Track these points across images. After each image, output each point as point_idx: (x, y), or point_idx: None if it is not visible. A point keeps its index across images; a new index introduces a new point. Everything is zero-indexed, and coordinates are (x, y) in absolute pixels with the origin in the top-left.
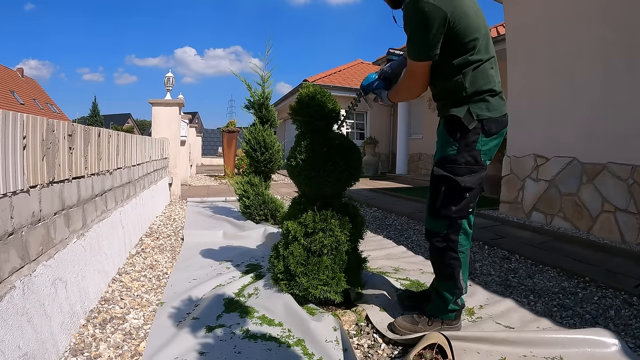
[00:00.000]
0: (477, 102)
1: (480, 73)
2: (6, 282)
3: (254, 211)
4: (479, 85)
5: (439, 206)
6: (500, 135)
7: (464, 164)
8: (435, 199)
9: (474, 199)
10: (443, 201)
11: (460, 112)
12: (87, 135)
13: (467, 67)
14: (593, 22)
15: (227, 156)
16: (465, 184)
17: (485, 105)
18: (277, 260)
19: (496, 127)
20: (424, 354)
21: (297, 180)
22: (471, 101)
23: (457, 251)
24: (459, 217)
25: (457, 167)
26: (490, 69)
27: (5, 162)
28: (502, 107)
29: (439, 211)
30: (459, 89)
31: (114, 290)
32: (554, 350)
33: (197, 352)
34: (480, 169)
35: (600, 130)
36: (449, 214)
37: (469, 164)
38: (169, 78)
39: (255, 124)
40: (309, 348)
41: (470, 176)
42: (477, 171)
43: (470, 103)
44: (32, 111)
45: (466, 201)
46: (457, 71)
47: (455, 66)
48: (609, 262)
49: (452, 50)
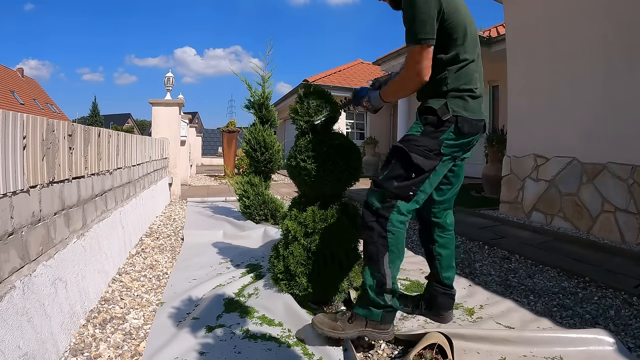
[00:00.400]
0: (456, 98)
1: (464, 72)
2: (6, 282)
3: (254, 211)
4: (461, 83)
5: (382, 177)
6: (470, 138)
7: (422, 146)
8: (383, 171)
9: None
10: (388, 173)
11: (436, 104)
12: (87, 135)
13: (453, 64)
14: (593, 22)
15: (227, 156)
16: (416, 160)
17: (462, 104)
18: (277, 260)
19: (469, 129)
20: (424, 354)
21: (297, 180)
22: (449, 96)
23: (385, 229)
24: (396, 194)
25: (414, 145)
26: (475, 72)
27: (5, 162)
28: (480, 112)
29: (381, 182)
30: (440, 83)
31: (114, 290)
32: (554, 350)
33: (197, 352)
34: (436, 158)
35: (600, 130)
36: (388, 187)
37: (427, 148)
38: (169, 78)
39: (256, 124)
40: (309, 348)
41: (423, 159)
42: (431, 158)
43: (448, 98)
44: (32, 111)
45: (410, 182)
46: (442, 67)
47: (443, 61)
48: (609, 262)
49: (442, 44)
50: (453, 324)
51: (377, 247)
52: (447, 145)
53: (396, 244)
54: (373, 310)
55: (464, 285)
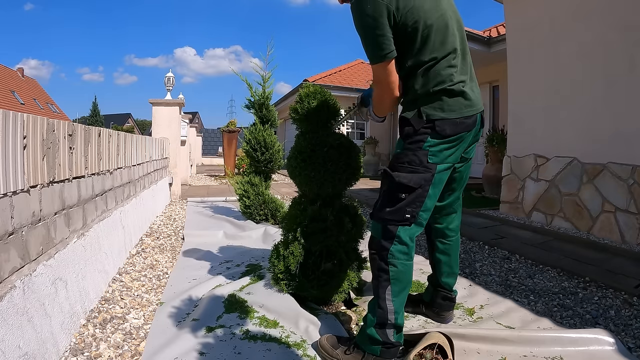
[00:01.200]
0: (430, 102)
1: (433, 73)
2: (6, 281)
3: (254, 211)
4: (432, 85)
5: (377, 207)
6: (457, 137)
7: (406, 162)
8: (377, 199)
9: (414, 204)
10: (381, 202)
11: (409, 113)
12: (88, 135)
13: (418, 66)
14: (594, 22)
15: (227, 156)
16: (400, 179)
17: (439, 104)
18: (277, 260)
19: (452, 129)
20: (424, 354)
21: (297, 180)
22: (422, 102)
23: (387, 262)
24: (392, 220)
25: (397, 164)
26: (446, 67)
27: (6, 162)
28: (463, 108)
29: (376, 213)
30: (411, 89)
31: (114, 290)
32: (554, 350)
33: (197, 352)
34: (426, 171)
35: (600, 130)
36: (382, 216)
37: (412, 163)
38: (169, 78)
39: (256, 124)
40: (309, 349)
41: (410, 175)
42: (419, 172)
43: (421, 104)
44: (32, 111)
45: (402, 203)
46: (409, 72)
47: (408, 67)
48: (609, 262)
49: (401, 50)
50: (453, 324)
51: (379, 280)
52: (433, 154)
53: (399, 277)
54: (373, 346)
55: (464, 285)
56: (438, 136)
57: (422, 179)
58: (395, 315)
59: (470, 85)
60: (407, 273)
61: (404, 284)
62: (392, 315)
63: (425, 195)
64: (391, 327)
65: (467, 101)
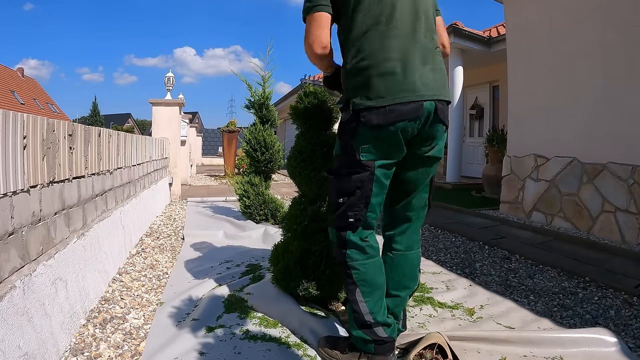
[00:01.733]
0: (357, 87)
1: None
2: (6, 281)
3: (254, 211)
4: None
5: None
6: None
7: (342, 161)
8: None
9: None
10: (328, 207)
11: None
12: (88, 135)
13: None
14: (594, 21)
15: (227, 156)
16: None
17: (365, 92)
18: (277, 260)
19: (379, 119)
20: (424, 354)
21: (297, 180)
22: (350, 83)
23: (347, 266)
24: (339, 226)
25: (335, 166)
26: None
27: (6, 162)
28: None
29: (328, 219)
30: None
31: (114, 290)
32: (554, 350)
33: (197, 352)
34: (364, 169)
35: (600, 130)
36: (330, 221)
37: (348, 160)
38: (169, 78)
39: (256, 124)
40: (309, 349)
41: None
42: (357, 172)
43: (348, 87)
44: (32, 111)
45: (343, 208)
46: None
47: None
48: (609, 262)
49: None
50: (453, 324)
51: (347, 284)
52: (367, 150)
53: (364, 277)
54: (364, 345)
55: (464, 285)
56: (366, 128)
57: (359, 180)
58: (373, 315)
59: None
60: (370, 273)
61: (372, 284)
62: (368, 316)
63: (369, 195)
64: (377, 325)
65: (404, 85)
